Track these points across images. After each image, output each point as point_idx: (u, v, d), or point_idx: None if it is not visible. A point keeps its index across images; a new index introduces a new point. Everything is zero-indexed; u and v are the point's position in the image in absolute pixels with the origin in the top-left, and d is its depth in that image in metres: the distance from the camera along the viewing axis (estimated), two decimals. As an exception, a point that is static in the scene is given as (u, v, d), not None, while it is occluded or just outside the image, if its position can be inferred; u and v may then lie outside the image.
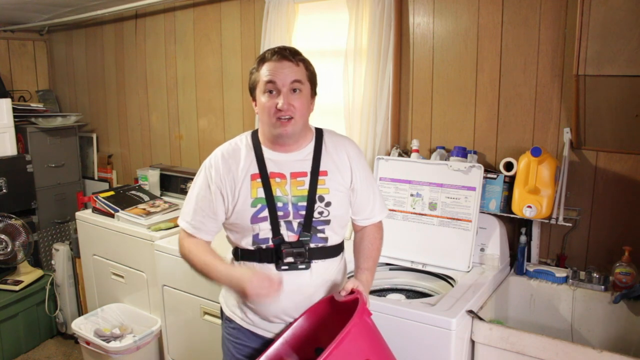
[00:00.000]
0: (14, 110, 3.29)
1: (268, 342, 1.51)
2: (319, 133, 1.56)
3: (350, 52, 2.38)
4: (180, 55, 3.22)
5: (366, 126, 2.37)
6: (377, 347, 1.33)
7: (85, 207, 3.07)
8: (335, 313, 1.44)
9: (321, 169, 1.48)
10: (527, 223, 2.10)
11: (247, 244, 1.48)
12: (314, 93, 1.52)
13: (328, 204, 1.47)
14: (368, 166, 1.61)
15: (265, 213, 1.44)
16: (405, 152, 2.35)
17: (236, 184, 1.46)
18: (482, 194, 2.04)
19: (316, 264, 1.47)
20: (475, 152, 2.17)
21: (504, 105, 2.14)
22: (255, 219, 1.45)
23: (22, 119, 3.41)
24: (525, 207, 1.95)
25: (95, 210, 2.88)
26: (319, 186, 1.47)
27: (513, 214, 2.01)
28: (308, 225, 1.45)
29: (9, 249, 3.05)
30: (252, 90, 1.50)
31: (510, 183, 2.04)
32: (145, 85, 3.45)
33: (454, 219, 2.04)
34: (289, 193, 1.46)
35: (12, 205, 3.24)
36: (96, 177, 3.78)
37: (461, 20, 2.19)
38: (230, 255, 1.58)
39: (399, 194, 2.16)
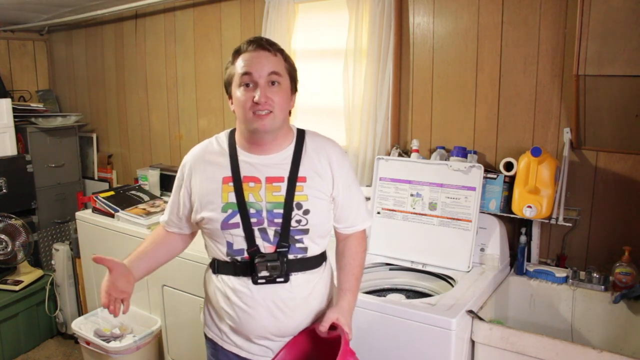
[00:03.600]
0: (14, 110, 3.28)
1: None
2: (301, 135, 1.45)
3: (350, 52, 2.38)
4: (180, 55, 3.22)
5: (366, 126, 2.37)
6: None
7: (85, 207, 3.07)
8: (318, 347, 1.38)
9: (300, 174, 1.38)
10: (527, 223, 2.10)
11: (222, 254, 1.40)
12: (294, 89, 1.41)
13: (306, 212, 1.36)
14: (352, 171, 1.50)
15: (237, 219, 1.35)
16: (405, 152, 2.35)
17: (207, 186, 1.39)
18: (482, 194, 2.04)
19: (296, 277, 1.37)
20: (475, 152, 2.17)
21: (504, 105, 2.14)
22: (225, 225, 1.35)
23: (22, 119, 3.41)
24: (525, 207, 1.95)
25: (95, 210, 2.88)
26: (296, 193, 1.36)
27: (513, 214, 2.01)
28: (285, 234, 1.35)
29: (9, 249, 3.05)
30: (227, 86, 1.39)
31: (510, 183, 2.04)
32: (145, 85, 3.45)
33: (454, 219, 2.04)
34: (263, 199, 1.35)
35: (12, 205, 3.24)
36: (96, 177, 3.78)
37: (461, 20, 2.19)
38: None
39: (399, 194, 2.16)
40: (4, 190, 3.21)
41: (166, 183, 3.20)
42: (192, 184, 1.43)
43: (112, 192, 2.95)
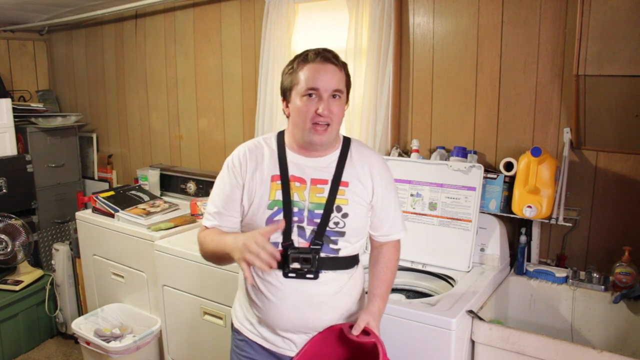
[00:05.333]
0: (14, 110, 3.29)
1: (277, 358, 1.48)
2: (347, 142, 1.53)
3: (350, 52, 2.38)
4: (180, 55, 3.22)
5: (366, 126, 2.37)
6: None
7: (85, 207, 3.07)
8: (344, 346, 1.40)
9: (343, 179, 1.45)
10: (527, 223, 2.10)
11: None
12: (348, 99, 1.49)
13: (345, 215, 1.43)
14: (393, 182, 1.56)
15: (281, 216, 1.41)
16: (405, 152, 2.35)
17: (256, 182, 1.45)
18: (482, 194, 2.04)
19: (325, 274, 1.42)
20: (475, 152, 2.17)
21: (504, 105, 2.14)
22: (270, 221, 1.42)
23: (22, 119, 3.41)
24: (525, 207, 1.95)
25: (95, 210, 2.88)
26: (338, 196, 1.43)
27: (513, 214, 2.01)
28: (321, 233, 1.41)
29: (9, 249, 3.05)
30: (287, 90, 1.44)
31: (510, 183, 2.04)
32: (145, 85, 3.45)
33: (454, 219, 2.04)
34: (306, 199, 1.43)
35: (12, 205, 3.24)
36: (96, 177, 3.78)
37: (461, 20, 2.19)
38: None
39: (399, 194, 2.16)
40: (4, 190, 3.21)
41: (166, 183, 3.21)
42: (245, 179, 1.46)
43: (112, 192, 2.95)
